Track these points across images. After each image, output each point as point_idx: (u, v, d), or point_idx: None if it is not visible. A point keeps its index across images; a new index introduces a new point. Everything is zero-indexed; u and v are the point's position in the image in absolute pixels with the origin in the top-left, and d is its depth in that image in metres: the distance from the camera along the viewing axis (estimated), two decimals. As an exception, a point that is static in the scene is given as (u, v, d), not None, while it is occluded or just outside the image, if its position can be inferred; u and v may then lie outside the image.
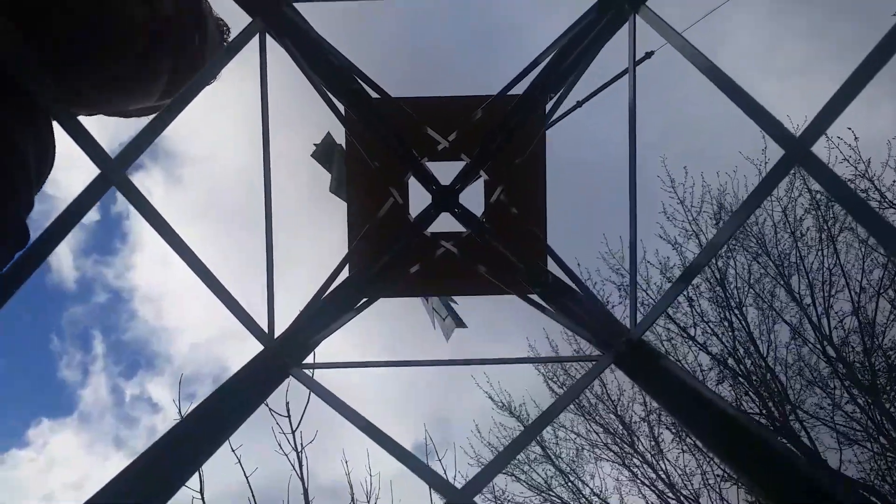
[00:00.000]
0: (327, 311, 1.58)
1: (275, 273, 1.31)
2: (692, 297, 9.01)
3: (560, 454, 9.62)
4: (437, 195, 1.90)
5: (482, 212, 1.99)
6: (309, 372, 1.17)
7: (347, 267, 1.92)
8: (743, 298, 8.91)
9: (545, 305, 1.78)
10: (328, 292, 1.66)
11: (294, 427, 5.11)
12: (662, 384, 1.20)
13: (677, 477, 8.77)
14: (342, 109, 1.88)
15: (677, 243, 9.22)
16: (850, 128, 7.80)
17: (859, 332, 8.13)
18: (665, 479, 8.83)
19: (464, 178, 1.90)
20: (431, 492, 5.77)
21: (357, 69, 1.65)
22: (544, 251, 1.93)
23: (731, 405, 1.11)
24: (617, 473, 9.25)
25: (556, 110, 1.93)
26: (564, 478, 9.46)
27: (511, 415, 9.78)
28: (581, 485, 9.46)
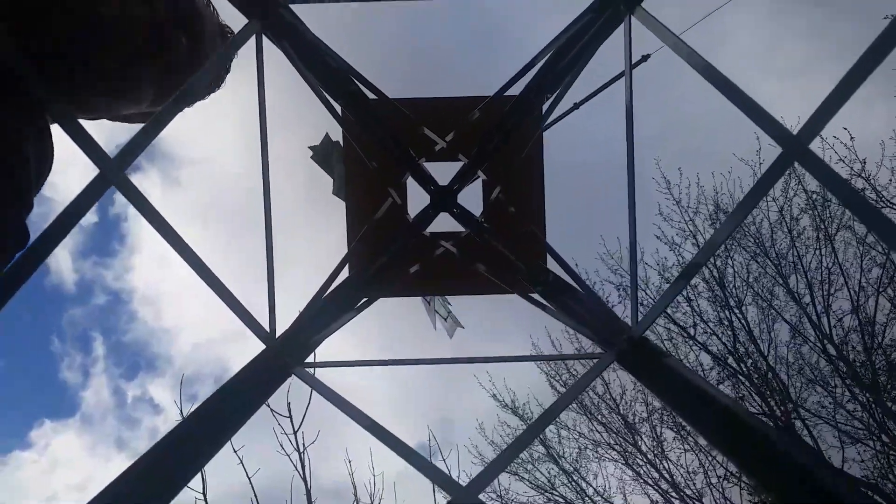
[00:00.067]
0: (328, 311, 1.58)
1: (275, 273, 1.31)
2: (691, 298, 9.02)
3: (563, 454, 9.61)
4: (436, 195, 1.90)
5: (481, 211, 1.99)
6: (311, 371, 1.17)
7: (347, 267, 1.92)
8: (742, 297, 8.92)
9: (546, 304, 1.78)
10: (328, 292, 1.65)
11: (296, 427, 5.10)
12: (666, 382, 1.20)
13: (680, 476, 8.76)
14: (339, 111, 1.88)
15: (675, 244, 9.24)
16: (846, 128, 7.82)
17: (859, 331, 8.14)
18: (668, 479, 8.81)
19: (462, 179, 1.90)
20: (435, 492, 5.75)
21: (354, 70, 1.65)
22: (544, 250, 1.93)
23: (735, 402, 1.11)
24: (620, 473, 9.25)
25: (553, 110, 1.93)
26: (568, 477, 9.45)
27: (514, 413, 9.77)
28: (584, 485, 9.45)
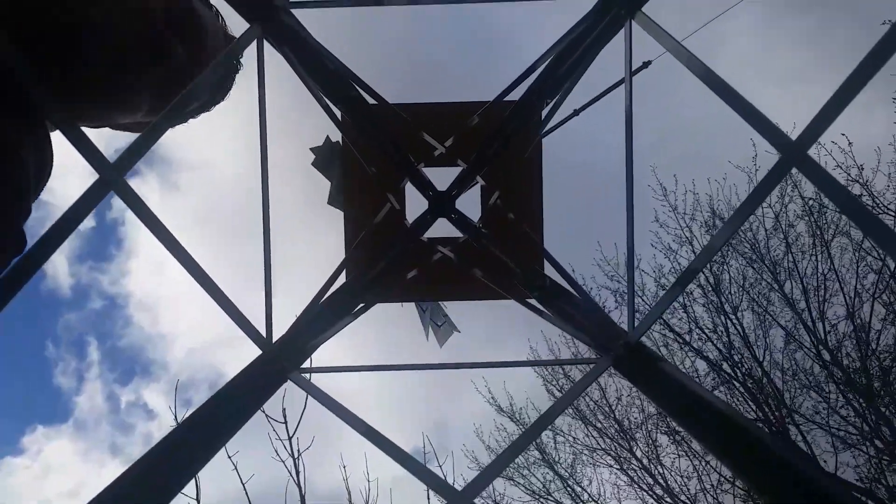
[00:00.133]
0: (325, 316, 1.58)
1: (272, 278, 1.30)
2: (686, 304, 9.04)
3: (559, 459, 9.61)
4: (434, 201, 1.90)
5: (479, 217, 2.00)
6: (307, 377, 1.17)
7: (345, 272, 1.91)
8: (738, 303, 8.94)
9: (543, 309, 1.78)
10: (325, 297, 1.65)
11: (291, 433, 5.08)
12: (662, 387, 1.20)
13: (674, 482, 8.76)
14: (339, 115, 1.88)
15: (671, 250, 9.26)
16: (844, 133, 7.86)
17: (854, 337, 8.17)
18: (663, 484, 8.81)
19: (460, 184, 1.90)
20: (430, 497, 5.73)
21: (354, 75, 1.65)
22: (541, 255, 1.93)
23: (731, 407, 1.11)
24: (615, 478, 9.24)
25: (553, 116, 1.94)
26: (563, 482, 9.43)
27: (511, 419, 9.76)
28: (579, 490, 9.44)
